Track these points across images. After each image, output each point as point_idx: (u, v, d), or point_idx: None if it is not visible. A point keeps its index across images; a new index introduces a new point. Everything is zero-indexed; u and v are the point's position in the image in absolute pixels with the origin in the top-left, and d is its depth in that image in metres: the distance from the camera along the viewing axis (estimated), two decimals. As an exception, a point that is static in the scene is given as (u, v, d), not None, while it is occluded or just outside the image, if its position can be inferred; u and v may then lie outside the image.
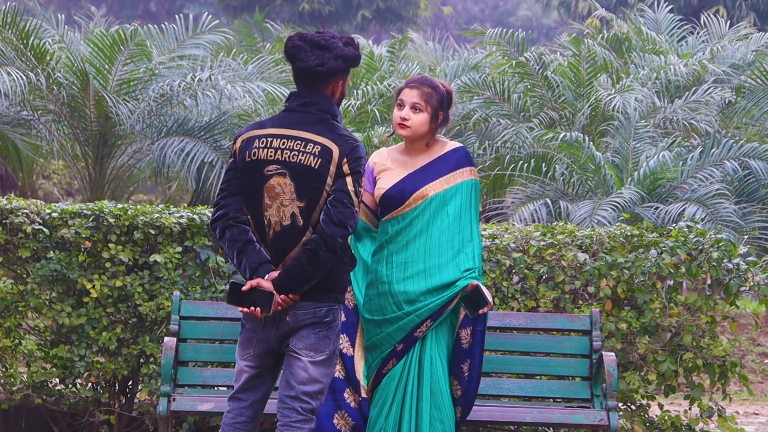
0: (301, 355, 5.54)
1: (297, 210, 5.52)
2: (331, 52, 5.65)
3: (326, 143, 5.56)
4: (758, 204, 13.63)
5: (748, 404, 11.89)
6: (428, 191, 6.21)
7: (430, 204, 6.20)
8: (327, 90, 5.72)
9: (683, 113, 15.19)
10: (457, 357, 6.26)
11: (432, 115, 6.27)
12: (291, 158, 5.54)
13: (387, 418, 6.12)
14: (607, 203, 12.94)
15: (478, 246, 6.23)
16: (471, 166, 6.32)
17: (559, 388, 7.33)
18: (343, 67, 5.70)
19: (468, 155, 6.36)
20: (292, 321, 5.54)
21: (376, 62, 17.89)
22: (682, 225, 8.06)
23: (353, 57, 5.72)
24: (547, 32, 50.25)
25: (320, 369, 5.55)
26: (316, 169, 5.52)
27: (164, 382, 6.88)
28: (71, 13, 21.95)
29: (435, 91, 6.28)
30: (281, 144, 5.59)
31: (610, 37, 17.60)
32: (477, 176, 6.35)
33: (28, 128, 15.16)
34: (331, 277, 5.56)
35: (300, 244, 5.50)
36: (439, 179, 6.24)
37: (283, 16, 37.52)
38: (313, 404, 5.55)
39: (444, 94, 6.32)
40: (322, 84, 5.70)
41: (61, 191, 22.52)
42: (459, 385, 6.27)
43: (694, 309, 7.91)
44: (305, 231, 5.51)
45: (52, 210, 7.84)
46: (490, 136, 15.37)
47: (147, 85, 14.67)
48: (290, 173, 5.54)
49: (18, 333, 7.97)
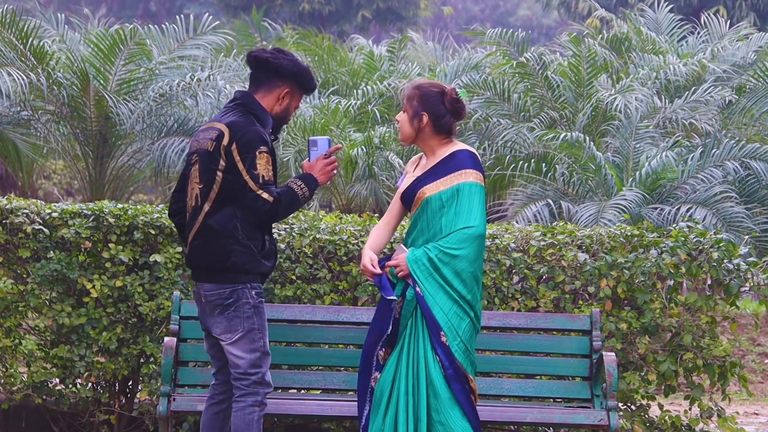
0: (222, 339, 6.12)
1: (198, 191, 6.05)
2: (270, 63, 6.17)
3: (221, 128, 6.04)
4: (759, 205, 13.63)
5: (748, 404, 11.88)
6: (425, 193, 6.16)
7: (427, 206, 6.15)
8: (267, 97, 6.19)
9: (683, 113, 15.19)
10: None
11: (412, 115, 6.19)
12: (200, 145, 6.10)
13: (385, 418, 6.10)
14: (612, 205, 12.92)
15: (455, 240, 6.05)
16: (472, 168, 6.15)
17: (559, 388, 7.33)
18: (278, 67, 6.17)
19: (471, 158, 6.19)
20: (205, 300, 6.14)
21: (376, 62, 17.90)
22: (682, 225, 8.06)
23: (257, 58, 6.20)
24: (547, 32, 50.24)
25: (239, 346, 6.06)
26: (210, 151, 6.03)
27: (164, 382, 6.88)
28: (71, 13, 21.94)
29: (417, 91, 6.20)
30: (198, 135, 6.17)
31: (610, 37, 17.60)
32: (480, 179, 6.15)
33: (28, 128, 15.17)
34: (230, 258, 6.02)
35: (197, 222, 6.06)
36: (436, 181, 6.17)
37: (284, 16, 37.52)
38: (251, 378, 6.08)
39: (430, 94, 6.20)
40: (258, 89, 6.18)
41: (61, 191, 22.52)
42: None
43: (694, 309, 7.91)
44: (201, 210, 6.04)
45: (52, 210, 7.84)
46: (491, 136, 15.37)
47: (147, 85, 14.68)
48: (198, 158, 6.08)
49: (18, 333, 7.97)
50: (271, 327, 7.09)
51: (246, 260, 6.07)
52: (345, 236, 7.86)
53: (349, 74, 17.66)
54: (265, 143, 6.04)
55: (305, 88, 6.25)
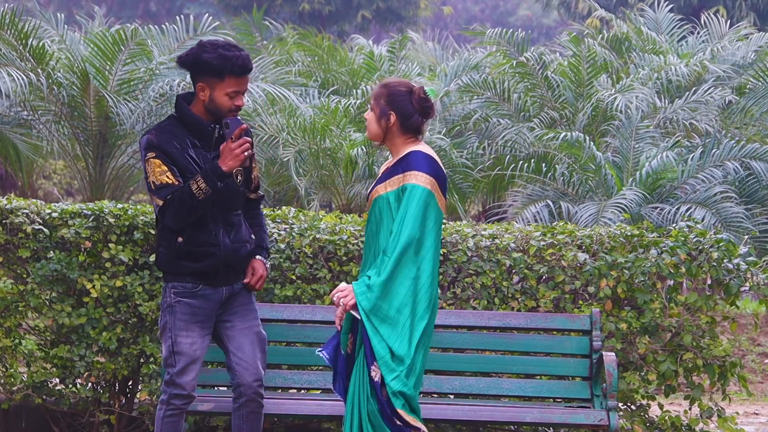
0: None
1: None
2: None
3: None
4: (759, 205, 13.62)
5: (748, 404, 11.88)
6: (374, 194, 5.99)
7: (374, 207, 5.97)
8: (196, 95, 6.26)
9: (684, 113, 15.19)
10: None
11: (379, 114, 6.00)
12: None
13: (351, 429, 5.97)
14: (612, 205, 12.92)
15: (391, 264, 5.78)
16: (417, 170, 5.86)
17: (559, 388, 7.33)
18: (182, 66, 6.23)
19: (418, 159, 5.90)
20: None
21: (376, 62, 17.89)
22: (682, 225, 8.06)
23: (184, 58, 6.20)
24: (547, 32, 50.25)
25: (162, 343, 6.30)
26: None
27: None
28: (71, 13, 21.95)
29: (384, 90, 6.00)
30: None
31: (610, 37, 17.59)
32: (427, 183, 5.84)
33: (28, 128, 15.16)
34: (156, 259, 6.34)
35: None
36: (385, 182, 5.97)
37: (284, 15, 37.54)
38: (165, 376, 6.29)
39: (397, 93, 5.99)
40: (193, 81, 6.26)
41: (61, 191, 22.52)
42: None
43: (694, 309, 7.91)
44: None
45: (52, 210, 7.84)
46: (491, 136, 15.37)
47: (147, 85, 14.67)
48: None
49: (18, 333, 7.97)
50: (271, 327, 7.10)
51: (163, 261, 6.29)
52: (345, 236, 7.85)
53: (349, 74, 17.65)
54: (151, 148, 6.12)
55: (214, 71, 6.09)
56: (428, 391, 7.33)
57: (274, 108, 14.69)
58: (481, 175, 14.76)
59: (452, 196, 14.55)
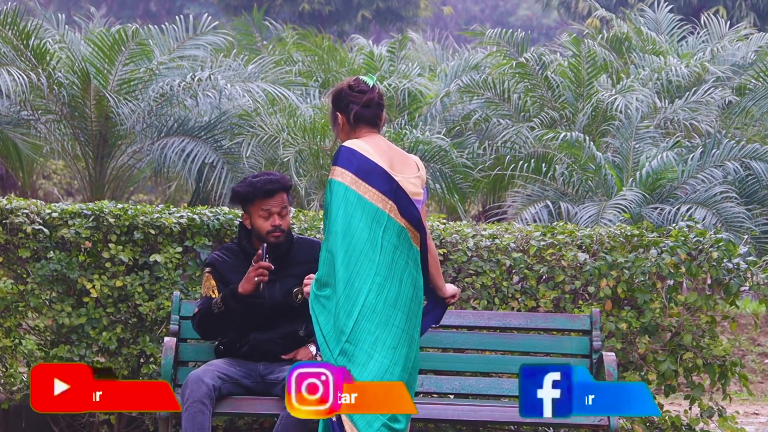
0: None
1: None
2: None
3: None
4: (759, 205, 13.62)
5: (748, 404, 11.88)
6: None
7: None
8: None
9: (684, 114, 15.19)
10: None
11: (332, 120, 5.98)
12: None
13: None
14: (612, 205, 12.92)
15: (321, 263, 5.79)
16: (334, 164, 5.80)
17: (559, 388, 7.32)
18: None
19: (338, 154, 5.81)
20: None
21: (376, 62, 17.89)
22: (682, 225, 8.06)
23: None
24: (547, 32, 50.24)
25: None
26: None
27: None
28: (71, 13, 21.96)
29: (330, 96, 5.99)
30: None
31: (610, 38, 17.59)
32: (334, 175, 5.77)
33: (29, 128, 15.16)
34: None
35: None
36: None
37: (284, 15, 37.52)
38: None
39: (336, 93, 5.93)
40: None
41: (61, 191, 22.52)
42: None
43: (694, 309, 7.91)
44: None
45: (52, 210, 7.84)
46: (491, 136, 15.37)
47: (147, 85, 14.67)
48: None
49: (18, 333, 7.97)
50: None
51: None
52: (345, 236, 7.85)
53: (349, 74, 17.63)
54: (208, 264, 6.78)
55: (243, 199, 6.71)
56: (428, 391, 7.34)
57: (274, 108, 14.69)
58: (481, 175, 14.76)
59: (452, 196, 14.55)
